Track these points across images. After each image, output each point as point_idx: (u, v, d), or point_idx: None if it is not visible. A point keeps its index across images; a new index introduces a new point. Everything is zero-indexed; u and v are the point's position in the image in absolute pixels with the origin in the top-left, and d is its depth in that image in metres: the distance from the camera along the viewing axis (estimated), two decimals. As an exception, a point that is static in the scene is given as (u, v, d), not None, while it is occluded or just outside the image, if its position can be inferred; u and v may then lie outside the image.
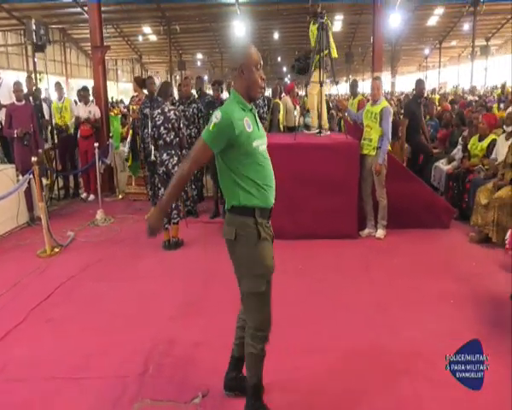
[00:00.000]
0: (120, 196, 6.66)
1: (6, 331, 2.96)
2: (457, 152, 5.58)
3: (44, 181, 5.92)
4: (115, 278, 3.83)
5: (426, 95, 6.19)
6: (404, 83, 34.83)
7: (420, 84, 6.22)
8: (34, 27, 6.16)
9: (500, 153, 4.57)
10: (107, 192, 6.83)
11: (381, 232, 4.64)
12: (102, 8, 7.17)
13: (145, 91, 5.86)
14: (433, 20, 23.62)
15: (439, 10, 21.59)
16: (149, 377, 2.48)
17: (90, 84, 7.32)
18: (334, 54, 4.91)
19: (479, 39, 25.58)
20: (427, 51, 30.14)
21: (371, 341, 2.76)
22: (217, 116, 1.87)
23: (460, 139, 5.64)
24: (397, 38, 24.78)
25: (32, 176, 4.57)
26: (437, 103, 10.45)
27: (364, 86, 25.78)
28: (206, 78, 27.02)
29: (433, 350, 2.62)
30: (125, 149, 5.79)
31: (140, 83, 5.93)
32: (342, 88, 31.56)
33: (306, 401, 2.26)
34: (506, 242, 3.82)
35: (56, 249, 4.45)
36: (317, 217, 4.53)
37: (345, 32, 24.89)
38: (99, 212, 5.51)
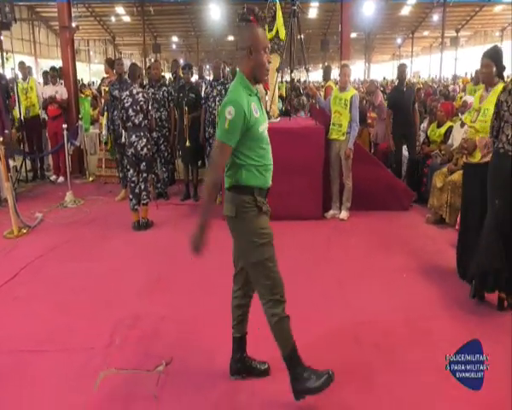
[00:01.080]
0: (91, 179, 6.61)
1: (-28, 309, 3.00)
2: (419, 139, 5.84)
3: (12, 163, 5.83)
4: (83, 258, 3.88)
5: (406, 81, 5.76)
6: (378, 71, 35.41)
7: (399, 69, 5.81)
8: (-2, 4, 5.94)
9: (455, 139, 4.84)
10: (77, 174, 6.78)
11: (344, 214, 4.86)
12: (73, -14, 6.99)
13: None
14: (405, 10, 24.05)
15: (412, 1, 21.98)
16: (115, 348, 2.59)
17: (60, 64, 7.15)
18: (282, 36, 4.83)
19: (449, 30, 26.30)
20: (399, 41, 30.65)
21: (326, 311, 2.97)
22: (230, 112, 1.88)
23: (422, 126, 5.91)
24: (371, 26, 25.10)
25: (-4, 156, 4.50)
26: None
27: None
28: (181, 61, 26.64)
29: (383, 319, 2.86)
30: (103, 132, 5.71)
31: (111, 64, 5.88)
32: (319, 75, 31.82)
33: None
34: (457, 222, 4.10)
35: (24, 230, 4.44)
36: (284, 199, 4.66)
37: (320, 20, 25.01)
38: (68, 194, 5.49)
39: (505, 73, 3.34)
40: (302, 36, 4.86)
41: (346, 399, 2.19)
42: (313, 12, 23.69)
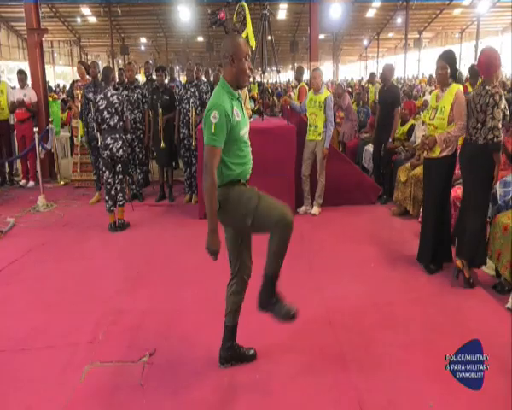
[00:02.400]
0: (62, 183, 6.54)
1: None
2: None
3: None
4: (60, 259, 3.89)
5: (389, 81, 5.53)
6: (346, 71, 36.31)
7: (383, 69, 5.68)
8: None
9: (417, 136, 5.16)
10: (48, 178, 6.68)
11: (316, 209, 5.08)
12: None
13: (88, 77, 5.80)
14: (371, 13, 24.80)
15: (376, 3, 22.70)
16: (98, 343, 2.66)
17: (22, 66, 7.06)
18: (252, 43, 4.78)
19: (412, 32, 27.33)
20: (365, 42, 31.55)
21: (301, 299, 3.11)
22: (214, 116, 1.99)
23: (386, 125, 6.21)
24: (338, 28, 25.72)
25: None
26: (372, 93, 11.20)
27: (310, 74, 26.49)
28: (151, 62, 26.32)
29: (353, 305, 3.07)
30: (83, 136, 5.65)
31: (87, 67, 5.86)
32: (288, 75, 32.24)
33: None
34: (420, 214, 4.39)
35: (-4, 235, 4.39)
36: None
37: (289, 21, 25.39)
38: (40, 197, 5.43)
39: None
40: (272, 38, 4.94)
41: (320, 378, 2.35)
42: (282, 13, 24.02)
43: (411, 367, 2.40)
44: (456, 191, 3.95)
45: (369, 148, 6.31)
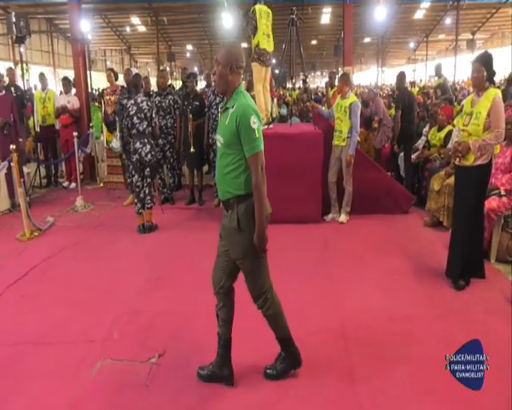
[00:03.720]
0: (101, 185, 6.88)
1: (-16, 305, 3.22)
2: (421, 142, 5.88)
3: (26, 170, 6.13)
4: (90, 259, 4.08)
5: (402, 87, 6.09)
6: (393, 75, 35.21)
7: (396, 77, 6.17)
8: (14, 20, 6.29)
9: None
10: (89, 180, 7.05)
11: (344, 217, 4.95)
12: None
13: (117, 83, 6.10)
14: (419, 14, 23.90)
15: (425, 4, 21.84)
16: (113, 341, 2.76)
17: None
18: (263, 44, 4.66)
19: (465, 33, 25.99)
20: (413, 45, 30.44)
21: (316, 308, 3.08)
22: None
23: (424, 130, 5.95)
24: (384, 30, 25.02)
25: (10, 163, 4.76)
26: (415, 96, 10.77)
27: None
28: (195, 69, 27.08)
29: (369, 317, 2.95)
30: (115, 144, 5.95)
31: (116, 74, 6.15)
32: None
33: (254, 357, 2.54)
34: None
35: (35, 233, 4.68)
36: (284, 202, 4.76)
37: (333, 25, 25.06)
38: (78, 199, 5.74)
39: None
40: (314, 42, 4.86)
41: (324, 392, 2.29)
42: (326, 18, 23.79)
43: (422, 389, 2.27)
44: (491, 203, 3.69)
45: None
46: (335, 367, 2.48)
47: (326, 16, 23.42)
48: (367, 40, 29.07)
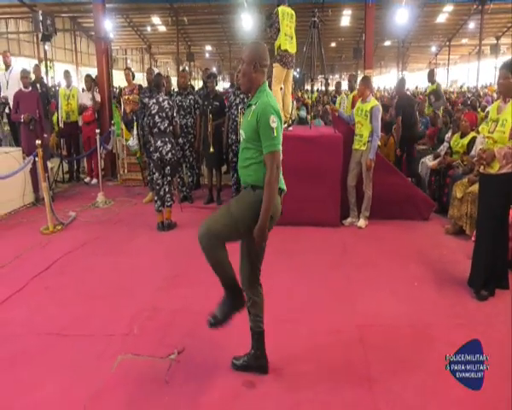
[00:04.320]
0: (121, 181, 6.98)
1: (8, 295, 3.31)
2: (443, 148, 5.80)
3: (50, 165, 6.27)
4: (110, 254, 4.16)
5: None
6: (413, 80, 34.75)
7: (397, 82, 6.65)
8: (41, 18, 6.44)
9: (478, 150, 4.79)
10: (109, 177, 7.18)
11: (362, 222, 4.91)
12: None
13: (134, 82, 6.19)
14: (441, 18, 23.54)
15: (448, 8, 21.51)
16: (133, 336, 2.80)
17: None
18: (285, 46, 4.65)
19: (489, 38, 25.45)
20: (435, 49, 29.99)
21: (334, 312, 3.06)
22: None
23: (446, 136, 5.86)
24: (405, 34, 24.74)
25: (35, 158, 4.88)
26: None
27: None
28: (214, 69, 27.27)
29: (388, 324, 2.93)
30: (132, 142, 6.04)
31: (133, 74, 6.26)
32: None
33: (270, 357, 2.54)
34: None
35: (58, 227, 4.79)
36: (303, 205, 4.78)
37: (353, 28, 24.91)
38: (100, 195, 5.84)
39: None
40: (333, 44, 4.87)
41: (341, 395, 2.28)
42: (346, 20, 23.66)
43: (441, 396, 2.24)
44: (518, 212, 3.61)
45: (426, 160, 5.99)
46: (353, 371, 2.47)
47: (346, 18, 23.29)
48: (387, 43, 28.78)
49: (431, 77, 7.86)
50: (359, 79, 6.78)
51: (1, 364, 2.52)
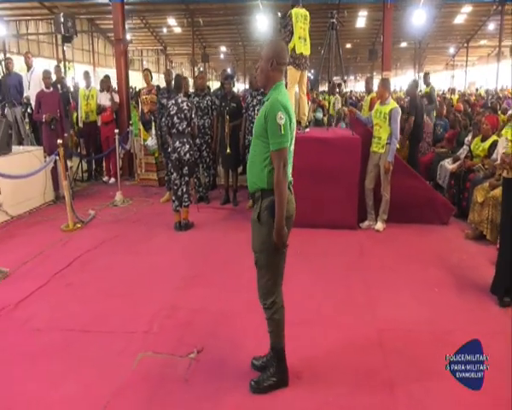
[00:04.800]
0: (138, 181, 7.06)
1: (31, 291, 3.38)
2: (463, 152, 5.71)
3: (69, 163, 6.38)
4: (129, 252, 4.21)
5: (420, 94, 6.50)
6: (431, 81, 34.27)
7: (408, 85, 6.84)
8: (62, 20, 6.58)
9: (500, 154, 4.70)
10: (127, 176, 7.27)
11: (380, 225, 4.87)
12: (129, 0, 7.57)
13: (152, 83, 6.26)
14: (459, 19, 23.15)
15: (467, 8, 21.15)
16: (153, 334, 2.84)
17: (115, 73, 7.73)
18: (300, 49, 4.63)
19: (509, 39, 24.93)
20: (453, 50, 29.53)
21: (353, 316, 3.05)
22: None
23: (466, 140, 5.77)
24: (422, 35, 24.42)
25: (57, 157, 4.98)
26: (455, 103, 10.48)
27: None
28: (228, 70, 27.37)
29: (408, 328, 2.90)
30: (151, 142, 6.10)
31: (151, 75, 6.34)
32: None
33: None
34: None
35: (78, 225, 4.87)
36: (320, 207, 4.78)
37: (368, 29, 24.71)
38: (118, 194, 5.93)
39: None
40: (348, 46, 4.85)
41: (364, 400, 2.26)
42: (361, 21, 23.46)
43: (462, 404, 2.20)
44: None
45: (445, 164, 5.91)
46: (373, 375, 2.45)
47: (361, 19, 23.07)
48: (403, 45, 28.46)
49: (426, 80, 7.85)
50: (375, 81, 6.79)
51: (25, 359, 2.58)
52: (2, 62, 6.18)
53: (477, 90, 23.79)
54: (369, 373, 2.48)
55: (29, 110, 6.76)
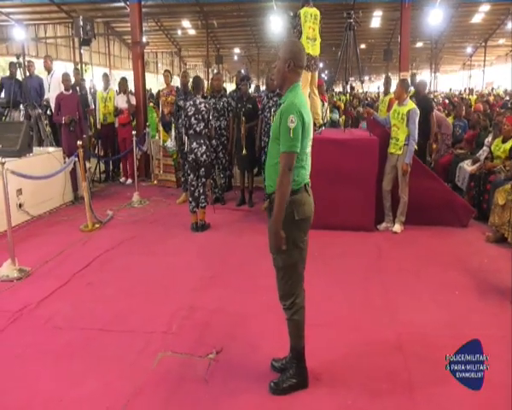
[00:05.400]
0: (155, 182, 7.14)
1: (52, 290, 3.44)
2: (482, 153, 5.61)
3: (88, 164, 6.48)
4: (146, 253, 4.25)
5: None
6: (446, 82, 33.79)
7: (417, 84, 6.70)
8: (81, 23, 6.70)
9: (522, 155, 4.61)
10: (144, 177, 7.35)
11: (398, 227, 4.81)
12: (144, 3, 7.66)
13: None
14: (477, 18, 22.74)
15: (485, 7, 20.75)
16: (172, 334, 2.86)
17: (131, 75, 7.85)
18: (307, 50, 4.47)
19: (529, 38, 24.37)
20: (470, 50, 29.01)
21: (371, 319, 3.02)
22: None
23: (486, 141, 5.67)
24: (439, 35, 24.07)
25: (76, 158, 5.06)
26: (473, 104, 10.31)
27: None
28: (242, 71, 27.40)
29: (428, 332, 2.85)
30: (170, 144, 6.15)
31: (172, 77, 6.40)
32: (381, 85, 30.97)
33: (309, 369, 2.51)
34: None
35: (97, 225, 4.95)
36: (336, 209, 4.75)
37: (383, 29, 24.46)
38: (135, 194, 6.00)
39: None
40: (363, 46, 4.81)
41: (384, 403, 2.24)
42: (376, 21, 23.24)
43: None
44: None
45: (465, 165, 5.81)
46: (393, 378, 2.43)
47: (376, 19, 22.85)
48: (419, 44, 28.10)
49: (413, 81, 7.77)
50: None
51: (46, 357, 2.62)
52: (23, 65, 6.31)
53: (492, 89, 23.33)
54: (388, 376, 2.45)
55: (48, 112, 6.90)
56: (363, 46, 28.66)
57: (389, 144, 4.81)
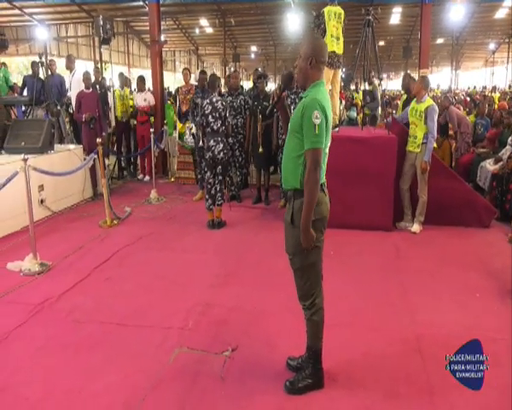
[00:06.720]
0: (172, 179, 7.21)
1: (73, 284, 3.51)
2: (505, 152, 5.46)
3: (107, 161, 6.59)
4: (164, 249, 4.30)
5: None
6: (468, 79, 33.04)
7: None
8: (101, 23, 6.80)
9: (547, 154, 4.47)
10: (161, 175, 7.43)
11: (416, 227, 4.73)
12: (162, 2, 7.72)
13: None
14: (501, 13, 22.12)
15: (508, 2, 20.15)
16: (188, 330, 2.88)
17: (149, 73, 7.93)
18: (332, 47, 4.54)
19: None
20: (492, 46, 28.25)
21: (390, 320, 2.97)
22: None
23: (509, 139, 5.51)
24: (460, 31, 23.53)
25: (96, 155, 5.15)
26: (496, 102, 10.05)
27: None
28: (259, 69, 27.35)
29: (448, 334, 2.79)
30: (189, 138, 6.20)
31: (190, 75, 6.42)
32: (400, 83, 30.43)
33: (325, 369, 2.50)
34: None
35: (115, 221, 5.02)
36: (354, 208, 4.70)
37: (403, 26, 24.06)
38: (153, 191, 6.06)
39: None
40: (381, 43, 4.75)
41: (402, 405, 2.21)
42: (395, 18, 22.86)
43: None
44: None
45: (487, 165, 5.67)
46: (412, 381, 2.39)
47: (395, 16, 22.48)
48: (439, 41, 27.52)
49: (369, 78, 7.58)
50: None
51: (67, 351, 2.67)
52: (45, 64, 6.44)
53: (510, 87, 22.67)
54: (407, 379, 2.41)
55: (70, 110, 7.03)
56: (381, 43, 28.27)
57: (407, 142, 4.73)
